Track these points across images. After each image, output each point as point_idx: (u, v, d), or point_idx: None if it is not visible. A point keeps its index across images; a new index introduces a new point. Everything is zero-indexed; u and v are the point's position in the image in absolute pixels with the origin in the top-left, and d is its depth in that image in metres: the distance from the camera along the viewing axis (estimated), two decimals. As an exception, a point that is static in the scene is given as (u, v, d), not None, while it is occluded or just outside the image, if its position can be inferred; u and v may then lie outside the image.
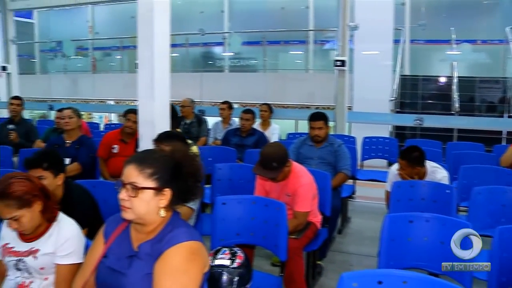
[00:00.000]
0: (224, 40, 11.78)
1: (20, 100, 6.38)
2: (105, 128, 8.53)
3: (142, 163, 1.80)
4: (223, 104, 6.85)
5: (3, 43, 10.06)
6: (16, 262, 2.22)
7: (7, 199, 2.08)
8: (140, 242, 1.85)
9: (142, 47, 3.48)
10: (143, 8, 3.48)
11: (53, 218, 2.25)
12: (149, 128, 3.42)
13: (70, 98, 12.62)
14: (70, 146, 4.67)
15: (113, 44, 14.21)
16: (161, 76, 3.45)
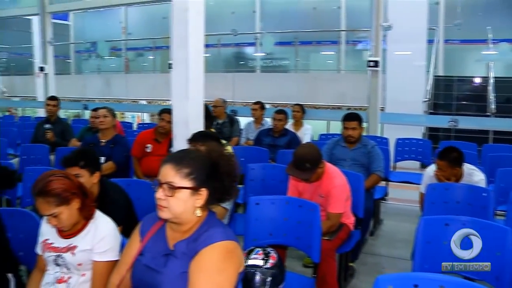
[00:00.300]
0: (256, 41, 11.79)
1: (56, 101, 6.51)
2: (138, 127, 8.64)
3: (179, 163, 1.81)
4: (255, 104, 6.85)
5: (41, 44, 10.28)
6: (55, 258, 2.26)
7: (46, 196, 2.13)
8: (176, 241, 1.87)
9: (177, 47, 3.50)
10: (178, 8, 3.49)
11: (90, 215, 2.29)
12: (183, 128, 3.43)
13: (103, 98, 12.80)
14: (105, 145, 4.74)
15: (145, 44, 14.39)
16: (195, 76, 3.46)
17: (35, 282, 2.36)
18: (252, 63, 12.28)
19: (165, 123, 4.89)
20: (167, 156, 1.89)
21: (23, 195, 4.22)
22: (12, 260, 2.56)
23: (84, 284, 2.25)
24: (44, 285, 2.31)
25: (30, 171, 4.25)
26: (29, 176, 4.20)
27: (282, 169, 4.18)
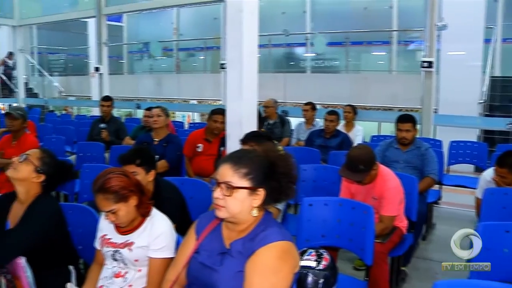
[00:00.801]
0: (306, 41, 11.72)
1: (111, 101, 6.68)
2: (189, 127, 8.74)
3: (237, 163, 1.82)
4: (306, 105, 6.81)
5: (97, 45, 10.57)
6: (113, 253, 2.32)
7: (106, 193, 2.19)
8: (232, 240, 1.88)
9: (231, 48, 3.52)
10: (232, 9, 3.51)
11: (147, 213, 2.33)
12: (237, 128, 3.45)
13: (155, 98, 13.03)
14: (158, 144, 4.81)
15: (196, 45, 14.56)
16: (249, 76, 3.48)
17: (93, 276, 2.42)
18: (303, 64, 12.22)
19: (219, 124, 4.90)
20: (226, 155, 1.91)
21: (80, 191, 4.36)
22: (73, 253, 2.65)
23: (140, 279, 2.30)
24: (102, 279, 2.37)
25: (87, 168, 4.39)
26: (86, 173, 4.34)
27: (334, 171, 4.15)
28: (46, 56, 16.52)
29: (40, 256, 2.41)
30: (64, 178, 2.64)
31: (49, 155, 2.61)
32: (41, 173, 2.50)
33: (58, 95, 15.20)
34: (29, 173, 2.48)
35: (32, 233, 2.36)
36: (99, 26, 10.44)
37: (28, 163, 2.49)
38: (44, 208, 2.46)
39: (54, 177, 2.56)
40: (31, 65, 15.60)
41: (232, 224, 1.88)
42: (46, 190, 2.57)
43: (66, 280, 2.46)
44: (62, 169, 2.62)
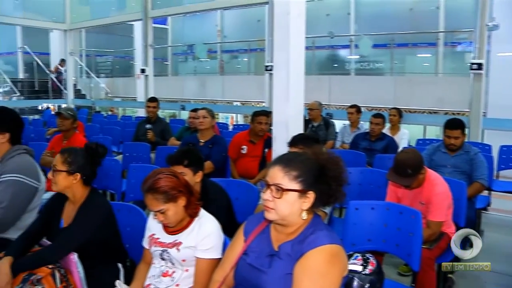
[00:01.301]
0: (351, 43, 11.62)
1: (156, 102, 6.77)
2: (233, 128, 8.79)
3: (287, 165, 1.82)
4: (351, 108, 6.73)
5: (143, 48, 10.80)
6: (161, 252, 2.35)
7: (155, 193, 2.21)
8: (281, 242, 1.87)
9: (278, 50, 3.53)
10: (280, 11, 3.52)
11: (195, 213, 2.35)
12: (283, 130, 3.45)
13: (198, 99, 13.16)
14: (204, 145, 4.84)
15: (240, 47, 14.64)
16: (296, 78, 3.47)
17: (141, 274, 2.46)
18: (348, 66, 12.11)
19: (263, 126, 4.94)
20: (276, 158, 1.90)
21: (126, 190, 4.42)
22: (122, 251, 2.70)
23: (187, 279, 2.32)
24: (149, 277, 2.40)
25: (134, 168, 4.45)
26: (132, 172, 4.41)
27: (380, 174, 4.09)
28: (94, 58, 16.95)
29: (91, 253, 2.48)
30: (97, 159, 2.68)
31: (70, 152, 2.62)
32: (74, 172, 2.55)
33: (104, 96, 15.58)
34: (65, 180, 2.54)
35: (83, 231, 2.43)
36: (146, 28, 10.68)
37: (58, 173, 2.54)
38: (95, 208, 2.53)
39: (88, 167, 2.60)
40: (80, 67, 16.04)
41: (281, 226, 1.88)
42: (88, 182, 2.62)
43: (115, 277, 2.50)
44: (90, 154, 2.66)
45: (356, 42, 11.06)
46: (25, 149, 3.04)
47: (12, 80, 14.90)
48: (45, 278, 2.32)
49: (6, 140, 2.95)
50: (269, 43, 8.66)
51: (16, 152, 2.95)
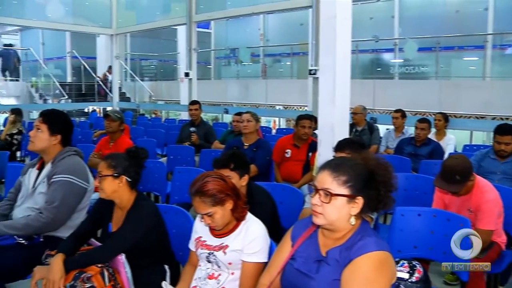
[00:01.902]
0: (395, 46, 11.45)
1: (198, 104, 6.84)
2: (276, 132, 8.77)
3: (336, 170, 1.81)
4: (396, 112, 6.65)
5: (187, 52, 10.94)
6: (207, 255, 2.36)
7: (203, 196, 2.23)
8: (328, 247, 1.86)
9: (324, 54, 3.52)
10: (326, 15, 3.51)
11: (242, 217, 2.35)
12: (329, 134, 3.44)
13: (241, 103, 13.21)
14: (248, 149, 4.86)
15: (282, 51, 14.63)
16: (342, 82, 3.45)
17: (187, 276, 2.48)
18: (391, 70, 11.92)
19: (306, 129, 4.92)
20: (325, 162, 1.89)
21: (171, 192, 4.47)
22: (169, 253, 2.73)
23: (232, 282, 2.32)
24: (195, 280, 2.42)
25: (178, 171, 4.50)
26: (177, 175, 4.45)
27: (426, 180, 4.02)
28: (138, 62, 17.27)
29: (139, 254, 2.53)
30: (140, 161, 2.72)
31: (113, 157, 2.69)
32: (120, 175, 2.60)
33: (148, 99, 15.85)
34: (112, 184, 2.59)
35: (133, 235, 2.49)
36: (190, 33, 10.81)
37: (104, 178, 2.59)
38: (143, 213, 2.56)
39: (132, 169, 2.65)
40: (124, 70, 16.37)
41: (329, 231, 1.87)
42: (134, 186, 2.66)
43: (162, 279, 2.53)
44: (133, 156, 2.70)
45: (401, 46, 10.88)
46: (75, 150, 3.12)
47: (61, 84, 15.37)
48: (94, 277, 2.38)
49: (58, 142, 3.04)
50: (312, 47, 8.61)
51: (67, 153, 3.04)
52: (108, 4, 13.30)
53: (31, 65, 16.85)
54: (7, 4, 12.03)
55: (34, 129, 3.04)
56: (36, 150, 3.06)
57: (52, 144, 3.01)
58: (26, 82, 16.15)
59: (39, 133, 3.00)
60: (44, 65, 16.24)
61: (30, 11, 12.37)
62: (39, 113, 3.13)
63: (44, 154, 3.08)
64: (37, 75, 16.38)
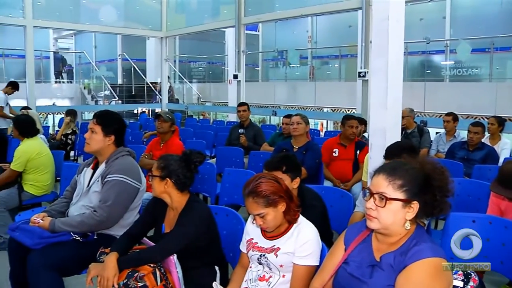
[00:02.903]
0: (446, 48, 11.17)
1: (246, 106, 6.91)
2: (325, 135, 8.73)
3: (392, 174, 1.79)
4: (448, 115, 6.50)
5: (236, 54, 11.07)
6: (259, 257, 2.38)
7: (256, 196, 2.25)
8: (382, 252, 1.85)
9: (376, 56, 3.48)
10: (378, 17, 3.48)
11: (294, 219, 2.35)
12: (380, 138, 3.40)
13: (289, 105, 13.21)
14: (298, 151, 4.85)
15: (330, 53, 14.54)
16: (394, 85, 3.40)
17: (238, 277, 2.50)
18: (442, 72, 11.62)
19: (354, 129, 5.06)
20: (380, 166, 1.88)
21: (220, 193, 4.52)
22: (220, 254, 2.76)
23: (283, 285, 2.33)
24: (246, 281, 2.44)
25: (228, 172, 4.54)
26: (227, 176, 4.50)
27: (480, 185, 3.90)
28: (187, 64, 17.51)
29: (190, 255, 2.58)
30: (192, 165, 2.76)
31: (165, 158, 2.74)
32: (166, 177, 2.65)
33: (196, 101, 16.06)
34: (159, 185, 2.66)
35: (185, 237, 2.53)
36: (238, 35, 10.89)
37: (154, 178, 2.67)
38: (195, 215, 2.60)
39: (180, 172, 2.68)
40: (173, 72, 16.64)
41: (383, 236, 1.85)
42: (183, 189, 2.70)
43: (212, 280, 2.56)
44: (185, 160, 2.74)
45: (452, 47, 10.61)
46: (128, 151, 3.21)
47: (112, 85, 15.85)
48: (147, 276, 2.44)
49: (112, 142, 3.12)
50: (362, 49, 8.55)
51: (120, 153, 3.12)
52: (158, 8, 13.61)
53: (84, 68, 17.43)
54: (63, 10, 12.51)
55: (88, 131, 3.14)
56: (91, 151, 3.16)
57: (106, 145, 3.10)
58: (79, 84, 16.66)
59: (93, 135, 3.10)
60: (96, 67, 16.76)
61: (84, 15, 12.86)
62: (92, 114, 3.22)
63: (98, 155, 3.17)
64: (89, 77, 16.90)
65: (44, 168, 4.68)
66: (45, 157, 4.72)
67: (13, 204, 4.52)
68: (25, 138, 4.70)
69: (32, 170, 4.60)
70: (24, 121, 4.81)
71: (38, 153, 4.64)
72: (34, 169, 4.60)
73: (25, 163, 4.54)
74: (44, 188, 4.69)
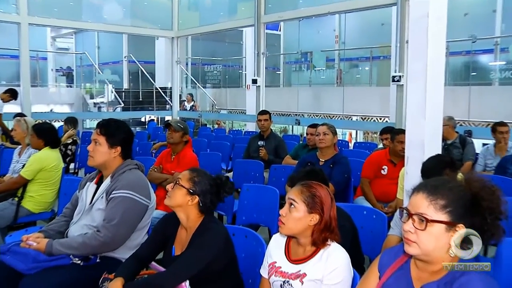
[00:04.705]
0: (495, 47, 10.83)
1: (268, 114, 6.87)
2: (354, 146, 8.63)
3: (434, 193, 1.76)
4: (502, 125, 6.26)
5: (255, 56, 11.00)
6: (282, 283, 2.36)
7: (306, 187, 2.35)
8: (423, 282, 1.82)
9: (413, 58, 3.46)
10: (416, 14, 3.45)
11: (322, 242, 2.33)
12: (418, 150, 3.35)
13: (313, 112, 13.15)
14: (324, 165, 4.84)
15: (360, 54, 14.48)
16: (434, 90, 3.36)
17: None
18: (491, 74, 11.21)
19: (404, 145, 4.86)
20: (420, 183, 1.85)
21: (238, 211, 4.48)
22: (238, 279, 2.74)
23: (308, 314, 2.31)
24: (267, 309, 2.42)
25: (247, 188, 4.52)
26: (245, 193, 4.47)
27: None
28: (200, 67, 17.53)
29: (204, 281, 2.55)
30: (221, 194, 2.75)
31: (199, 173, 2.73)
32: (195, 194, 2.64)
33: (210, 108, 16.07)
34: (182, 197, 2.63)
35: (199, 261, 2.50)
36: (257, 35, 10.86)
37: (179, 187, 2.64)
38: (211, 236, 2.57)
39: (209, 196, 2.68)
40: (185, 76, 16.71)
41: (424, 263, 1.82)
42: (207, 212, 2.69)
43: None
44: (217, 185, 2.73)
45: (503, 45, 10.31)
46: (136, 164, 3.20)
47: (117, 90, 15.91)
48: (155, 303, 2.43)
49: (118, 154, 3.13)
50: (396, 50, 8.44)
51: (128, 167, 3.12)
52: (168, 4, 13.60)
53: (86, 70, 17.54)
54: (62, 6, 12.54)
55: (92, 142, 3.14)
56: (96, 165, 3.16)
57: (111, 158, 3.10)
58: (80, 88, 16.79)
59: (97, 147, 3.10)
60: (100, 70, 16.86)
61: (86, 12, 12.85)
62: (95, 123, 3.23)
63: (103, 168, 3.17)
64: (91, 81, 17.03)
65: (52, 184, 4.71)
66: (57, 172, 4.77)
67: (6, 221, 4.49)
68: (47, 148, 4.76)
69: (39, 181, 4.63)
70: (50, 130, 4.89)
71: (54, 165, 4.71)
72: (42, 180, 4.64)
73: (36, 171, 4.59)
74: (43, 205, 4.70)
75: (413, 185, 1.88)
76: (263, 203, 4.29)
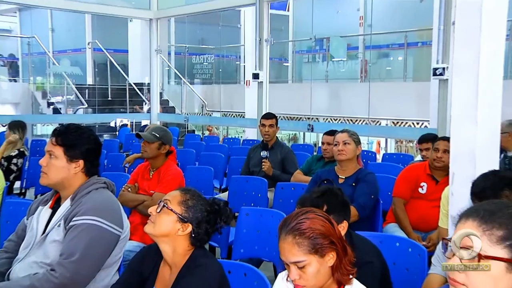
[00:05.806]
0: None
1: (274, 119, 6.81)
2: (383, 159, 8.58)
3: (489, 221, 1.74)
4: None
5: (256, 44, 10.82)
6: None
7: (299, 236, 2.21)
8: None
9: (462, 45, 3.41)
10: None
11: (346, 281, 2.32)
12: (467, 164, 3.31)
13: (331, 116, 13.13)
14: (344, 183, 4.81)
15: (392, 41, 14.46)
16: (489, 87, 3.31)
17: None
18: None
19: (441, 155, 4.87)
20: (469, 208, 1.83)
21: (235, 242, 4.50)
22: None
23: None
24: None
25: (246, 212, 4.52)
26: (243, 218, 4.48)
27: None
28: (186, 57, 17.43)
29: None
30: (219, 223, 2.73)
31: (194, 195, 2.72)
32: (187, 221, 2.62)
33: (200, 110, 16.00)
34: (171, 225, 2.61)
35: None
36: (260, 16, 10.78)
37: (168, 212, 2.62)
38: (201, 275, 2.56)
39: (204, 225, 2.67)
40: (167, 69, 16.66)
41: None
42: (199, 244, 2.68)
43: None
44: (214, 212, 2.71)
45: None
46: (104, 182, 3.18)
47: (78, 87, 15.62)
48: None
49: (80, 170, 3.08)
50: (439, 35, 8.40)
51: (93, 186, 3.09)
52: (145, -23, 13.52)
53: (36, 60, 17.38)
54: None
55: (46, 155, 3.08)
56: (51, 184, 3.11)
57: (72, 174, 3.06)
58: (29, 83, 16.59)
59: (53, 161, 3.04)
60: (55, 60, 16.55)
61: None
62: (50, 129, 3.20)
63: (60, 188, 3.12)
64: (44, 74, 16.71)
65: None
66: None
67: None
68: None
69: None
70: None
71: None
72: None
73: None
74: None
75: (461, 210, 1.86)
76: (267, 231, 4.30)
